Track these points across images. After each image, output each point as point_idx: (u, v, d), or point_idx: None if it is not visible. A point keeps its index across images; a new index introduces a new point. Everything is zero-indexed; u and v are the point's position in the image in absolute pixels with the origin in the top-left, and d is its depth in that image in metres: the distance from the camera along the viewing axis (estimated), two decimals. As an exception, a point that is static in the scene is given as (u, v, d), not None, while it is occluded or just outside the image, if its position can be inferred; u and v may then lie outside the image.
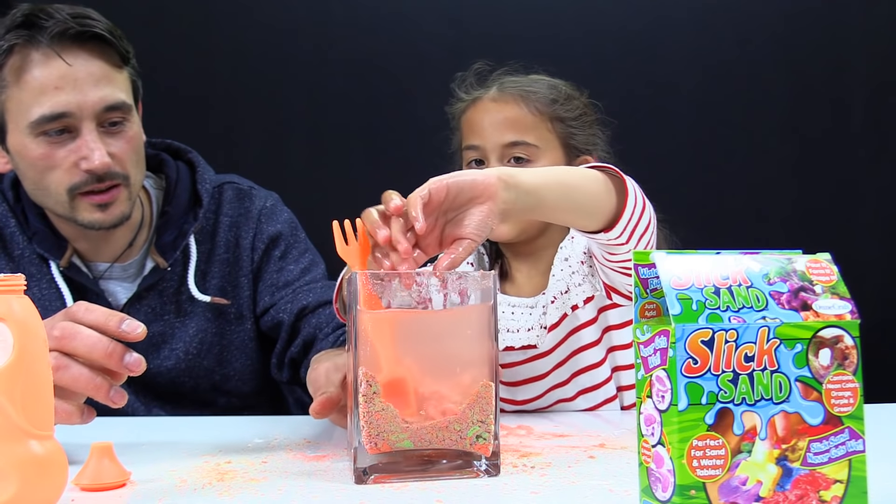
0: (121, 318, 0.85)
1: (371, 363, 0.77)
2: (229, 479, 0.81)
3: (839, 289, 0.62)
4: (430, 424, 0.77)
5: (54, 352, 0.83)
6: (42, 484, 0.68)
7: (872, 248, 2.01)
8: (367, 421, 0.76)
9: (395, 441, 0.76)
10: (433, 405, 0.78)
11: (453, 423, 0.77)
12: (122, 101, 1.18)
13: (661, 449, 0.59)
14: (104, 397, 0.85)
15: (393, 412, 0.76)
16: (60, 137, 1.16)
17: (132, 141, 1.21)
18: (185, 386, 1.30)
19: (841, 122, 2.04)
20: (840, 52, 2.03)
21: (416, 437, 0.76)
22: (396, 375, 0.78)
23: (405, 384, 0.78)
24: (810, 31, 2.03)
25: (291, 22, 2.10)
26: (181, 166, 1.36)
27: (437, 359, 0.80)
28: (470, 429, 0.77)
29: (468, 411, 0.77)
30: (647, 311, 0.64)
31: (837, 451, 0.60)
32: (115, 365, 0.85)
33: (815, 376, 0.60)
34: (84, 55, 1.15)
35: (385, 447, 0.76)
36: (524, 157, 1.28)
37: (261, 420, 1.20)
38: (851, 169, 2.03)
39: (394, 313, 0.79)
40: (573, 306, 1.27)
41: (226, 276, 1.32)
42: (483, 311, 0.80)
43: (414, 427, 0.76)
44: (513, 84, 1.33)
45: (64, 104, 1.14)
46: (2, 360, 0.66)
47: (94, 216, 1.19)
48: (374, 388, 0.76)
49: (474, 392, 0.78)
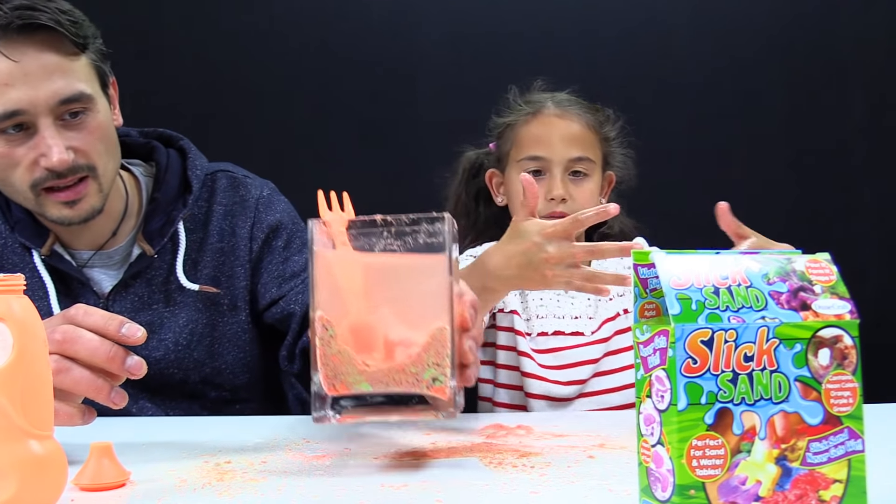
0: (120, 321, 0.85)
1: (327, 306, 0.78)
2: (229, 479, 0.81)
3: (839, 289, 0.62)
4: (387, 367, 0.77)
5: (55, 355, 0.83)
6: (42, 484, 0.68)
7: (872, 248, 2.01)
8: (324, 363, 0.78)
9: (353, 383, 0.77)
10: (391, 348, 0.78)
11: (409, 366, 0.77)
12: (78, 92, 1.13)
13: (661, 449, 0.59)
14: (105, 399, 0.86)
15: (350, 354, 0.77)
16: (18, 135, 1.12)
17: (97, 131, 1.16)
18: (174, 378, 1.27)
19: (841, 122, 2.04)
20: (840, 52, 2.03)
21: (373, 379, 0.77)
22: (355, 319, 0.78)
23: (364, 327, 0.79)
24: (810, 32, 2.03)
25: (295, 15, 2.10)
26: (172, 153, 1.33)
27: (395, 302, 0.80)
28: (426, 371, 0.77)
29: (424, 354, 0.77)
30: (647, 311, 0.64)
31: (837, 450, 0.60)
32: (116, 368, 0.85)
33: (814, 376, 0.60)
34: (33, 48, 1.10)
35: (343, 389, 0.78)
36: (582, 172, 1.41)
37: (261, 420, 1.20)
38: (851, 169, 2.03)
39: (351, 255, 0.80)
40: (625, 310, 1.40)
41: (219, 266, 1.29)
42: (441, 257, 0.79)
43: (371, 369, 0.77)
44: (567, 102, 1.45)
45: (16, 101, 1.09)
46: (2, 360, 0.66)
47: (61, 213, 1.16)
48: (329, 331, 0.78)
49: (430, 335, 0.77)
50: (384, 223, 0.80)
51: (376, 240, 0.80)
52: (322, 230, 0.80)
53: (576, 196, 1.40)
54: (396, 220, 0.80)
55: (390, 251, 0.80)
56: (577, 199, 1.39)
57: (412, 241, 0.80)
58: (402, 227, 0.80)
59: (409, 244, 0.80)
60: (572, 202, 1.39)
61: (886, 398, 1.10)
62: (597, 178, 1.43)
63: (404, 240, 0.80)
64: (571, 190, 1.40)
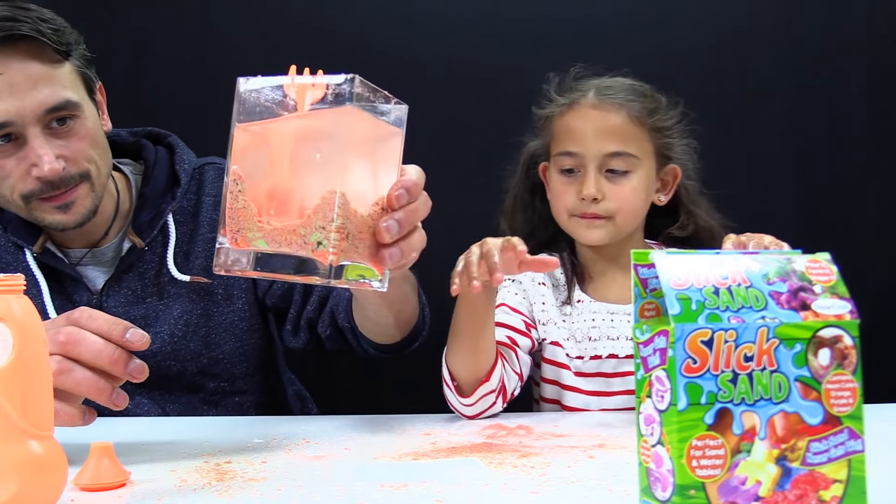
0: (125, 326, 0.86)
1: (243, 162, 0.80)
2: (229, 479, 0.81)
3: (839, 289, 0.62)
4: (281, 226, 0.78)
5: (57, 356, 0.84)
6: (42, 484, 0.68)
7: (872, 248, 2.01)
8: (230, 217, 0.80)
9: (252, 238, 0.79)
10: (287, 208, 0.79)
11: (299, 228, 0.77)
12: (65, 100, 1.13)
13: (661, 449, 0.59)
14: (106, 400, 0.86)
15: (252, 210, 0.79)
16: (7, 146, 1.12)
17: (86, 137, 1.16)
18: (171, 370, 1.27)
19: (841, 122, 2.04)
20: (840, 52, 2.03)
21: (269, 237, 0.78)
22: (262, 177, 0.80)
23: (269, 186, 0.80)
24: (810, 31, 2.03)
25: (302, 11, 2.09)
26: (160, 150, 1.34)
27: (299, 164, 0.80)
28: (312, 234, 0.77)
29: (313, 216, 0.77)
30: (647, 311, 0.64)
31: (837, 450, 0.60)
32: (119, 371, 0.85)
33: (814, 376, 0.60)
34: (16, 58, 1.10)
35: (244, 243, 0.80)
36: (618, 170, 1.27)
37: (261, 420, 1.20)
38: (851, 169, 2.03)
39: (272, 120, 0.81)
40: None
41: (211, 256, 1.28)
42: (341, 116, 0.77)
43: (267, 227, 0.78)
44: (610, 90, 1.31)
45: (3, 113, 1.09)
46: (2, 360, 0.66)
47: (55, 217, 1.16)
48: (239, 186, 0.80)
49: (322, 198, 0.77)
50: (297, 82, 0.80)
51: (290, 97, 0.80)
52: (240, 90, 0.81)
53: (611, 195, 1.27)
54: (303, 81, 0.79)
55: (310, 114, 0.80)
56: (613, 199, 1.27)
57: (319, 99, 0.79)
58: (310, 85, 0.79)
59: (317, 102, 0.79)
60: (607, 202, 1.27)
61: (886, 398, 1.10)
62: (643, 175, 1.29)
63: (314, 97, 0.79)
64: (606, 189, 1.27)
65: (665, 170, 1.34)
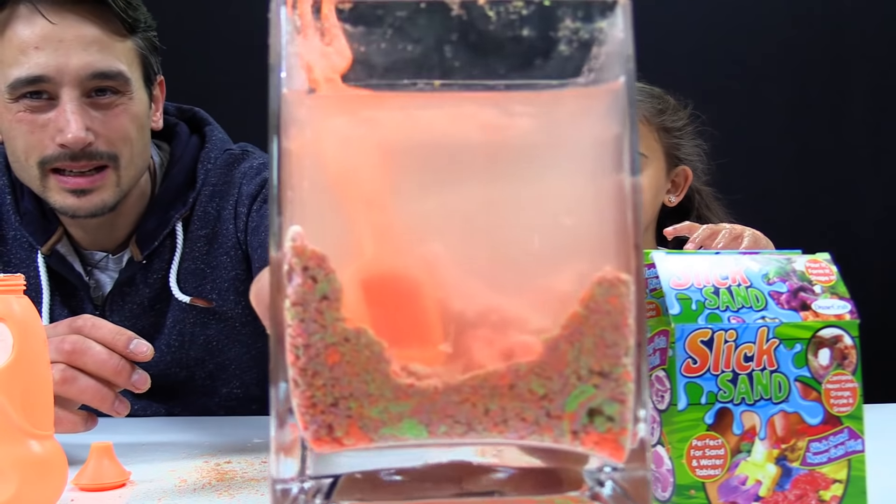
0: (129, 337, 0.85)
1: (319, 230, 0.37)
2: (229, 479, 0.81)
3: (838, 289, 0.62)
4: (470, 380, 0.37)
5: (61, 364, 0.83)
6: (42, 484, 0.68)
7: (872, 248, 2.01)
8: (311, 370, 0.36)
9: (384, 421, 0.36)
10: (480, 338, 0.38)
11: (529, 376, 0.37)
12: (115, 70, 1.02)
13: (661, 449, 0.59)
14: (108, 408, 0.86)
15: (378, 348, 0.37)
16: (40, 103, 1.02)
17: (125, 117, 1.05)
18: (178, 376, 1.20)
19: (841, 122, 2.04)
20: (840, 52, 2.03)
21: (433, 410, 0.36)
22: (390, 263, 0.39)
23: (411, 285, 0.38)
24: (810, 31, 2.03)
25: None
26: (193, 140, 1.20)
27: (491, 231, 0.39)
28: (575, 389, 0.37)
29: (567, 346, 0.38)
30: (647, 311, 0.64)
31: (837, 450, 0.60)
32: (122, 382, 0.85)
33: (814, 376, 0.60)
34: (74, 17, 1.00)
35: (357, 436, 0.36)
36: None
37: (261, 420, 1.19)
38: (851, 169, 2.03)
39: (381, 114, 0.39)
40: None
41: (201, 257, 1.16)
42: (603, 129, 0.39)
43: (430, 387, 0.36)
44: None
45: (42, 66, 0.99)
46: (2, 360, 0.66)
47: (66, 201, 1.05)
48: (323, 285, 0.36)
49: (582, 304, 0.38)
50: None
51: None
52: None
53: None
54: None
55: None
56: None
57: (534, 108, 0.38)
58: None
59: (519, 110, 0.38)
60: None
61: (886, 398, 1.10)
62: (651, 174, 1.28)
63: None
64: None
65: (676, 171, 1.33)
